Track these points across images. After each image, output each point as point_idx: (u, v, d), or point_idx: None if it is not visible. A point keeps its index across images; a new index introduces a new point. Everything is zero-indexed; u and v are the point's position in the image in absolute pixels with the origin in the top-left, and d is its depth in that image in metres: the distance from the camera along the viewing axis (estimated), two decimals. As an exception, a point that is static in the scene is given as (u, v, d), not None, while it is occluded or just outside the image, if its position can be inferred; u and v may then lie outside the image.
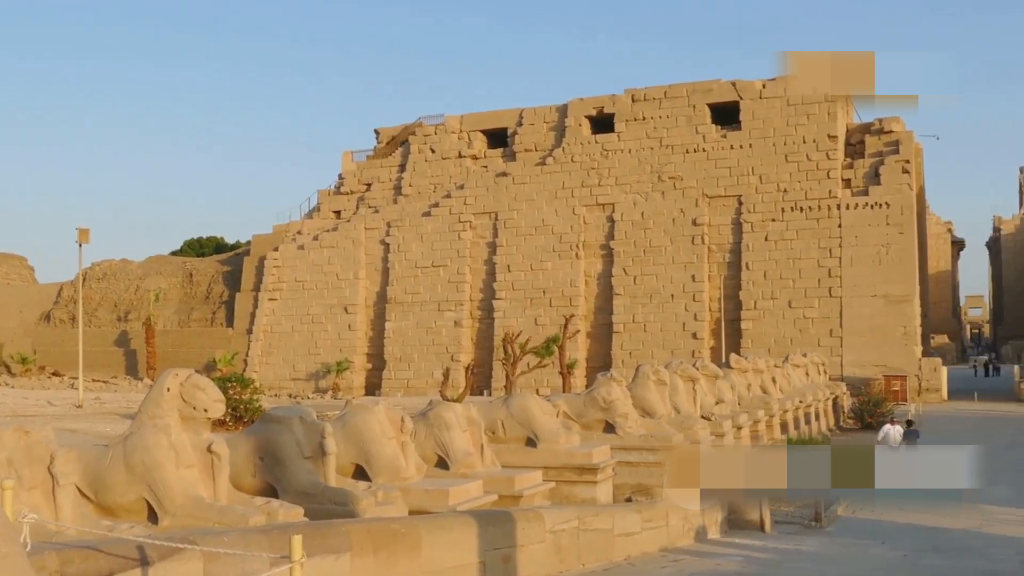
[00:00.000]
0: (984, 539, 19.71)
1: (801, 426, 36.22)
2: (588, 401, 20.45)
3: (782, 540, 17.99)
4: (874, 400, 44.92)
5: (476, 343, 66.30)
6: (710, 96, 62.57)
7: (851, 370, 56.11)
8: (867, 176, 59.24)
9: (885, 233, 57.70)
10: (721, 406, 27.45)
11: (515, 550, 10.93)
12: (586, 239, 64.30)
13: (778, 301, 59.21)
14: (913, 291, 57.64)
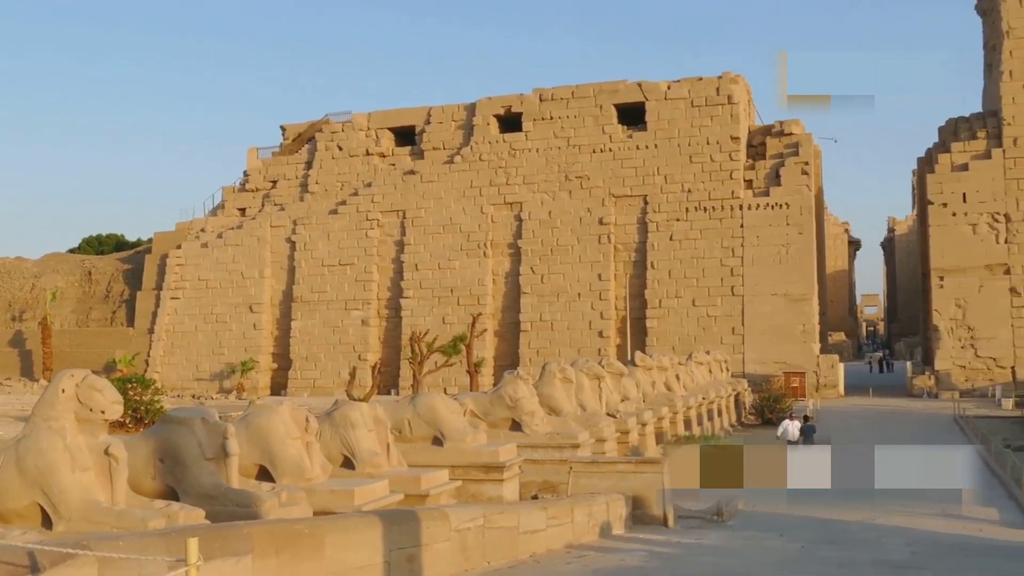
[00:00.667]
0: (877, 530, 20.30)
1: (704, 422, 36.85)
2: (495, 399, 20.51)
3: (685, 535, 18.26)
4: (774, 396, 45.87)
5: (383, 342, 65.99)
6: (616, 96, 63.24)
7: (752, 367, 57.26)
8: (768, 177, 60.50)
9: (785, 233, 59.00)
10: (627, 403, 27.77)
11: (420, 549, 10.92)
12: (494, 238, 64.46)
13: (682, 299, 60.14)
14: (812, 290, 59.04)
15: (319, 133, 70.05)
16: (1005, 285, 55.33)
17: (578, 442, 20.10)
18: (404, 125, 68.84)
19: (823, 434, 35.71)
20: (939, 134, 60.58)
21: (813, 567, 14.71)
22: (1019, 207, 55.44)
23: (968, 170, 56.63)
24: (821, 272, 66.08)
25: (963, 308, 55.84)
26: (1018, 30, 56.64)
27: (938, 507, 23.47)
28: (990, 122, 57.90)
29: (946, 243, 56.48)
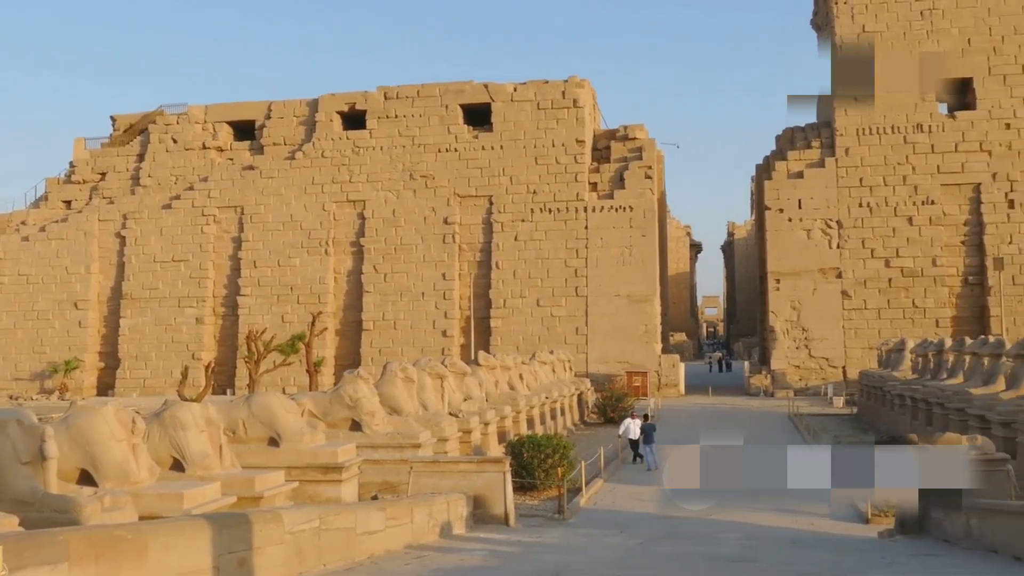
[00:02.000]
0: (714, 525, 20.65)
1: (547, 421, 36.98)
2: (334, 399, 20.01)
3: (526, 533, 18.17)
4: (616, 395, 46.49)
5: (219, 341, 64.14)
6: (463, 97, 63.14)
7: (596, 367, 57.99)
8: (612, 180, 61.40)
9: (628, 235, 59.99)
10: (469, 403, 27.57)
11: (251, 553, 10.44)
12: (336, 236, 63.47)
13: (527, 300, 60.47)
14: (654, 291, 60.20)
15: (152, 125, 67.55)
16: (837, 288, 57.59)
17: (419, 442, 19.79)
18: (243, 119, 67.05)
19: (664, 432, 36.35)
20: (776, 142, 62.65)
21: (651, 562, 14.76)
22: (850, 214, 57.77)
23: (803, 178, 58.72)
24: (663, 274, 67.49)
25: (798, 310, 57.85)
26: (850, 44, 59.00)
27: (773, 501, 24.04)
28: (824, 132, 60.19)
29: (782, 247, 58.42)
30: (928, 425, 30.40)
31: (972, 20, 57.84)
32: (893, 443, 32.61)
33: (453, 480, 18.70)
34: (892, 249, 57.22)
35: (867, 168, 57.92)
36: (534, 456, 25.03)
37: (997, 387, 26.51)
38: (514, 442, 26.68)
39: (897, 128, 57.87)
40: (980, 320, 55.89)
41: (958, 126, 57.51)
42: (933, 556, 15.21)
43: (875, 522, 21.19)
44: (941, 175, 57.25)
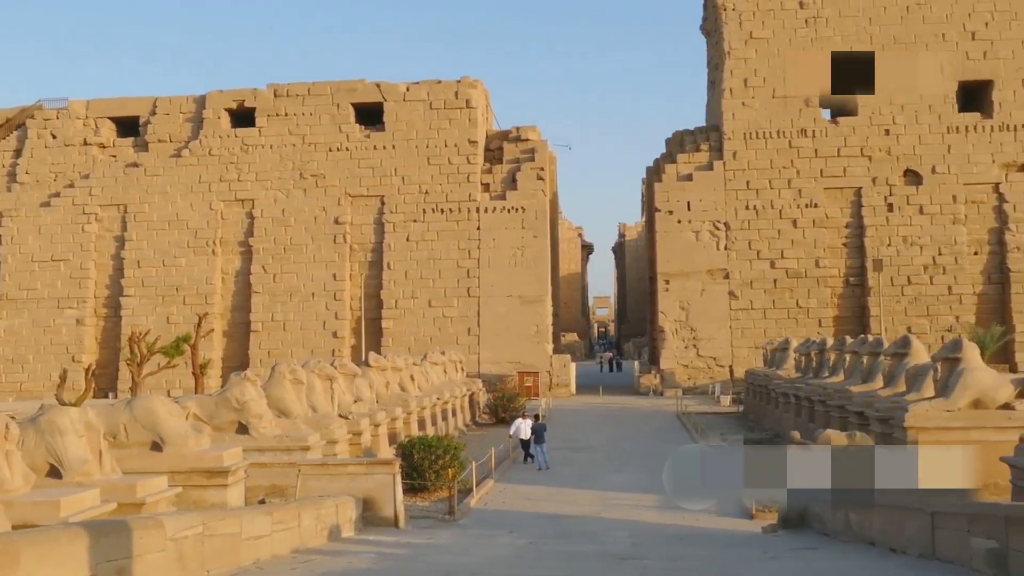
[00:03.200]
0: (602, 523, 20.86)
1: (439, 422, 36.88)
2: (220, 402, 19.61)
3: (416, 535, 18.08)
4: (508, 396, 46.62)
5: (101, 343, 62.33)
6: (354, 96, 62.58)
7: (487, 367, 58.08)
8: (504, 181, 61.58)
9: (520, 236, 60.24)
10: (359, 404, 27.32)
11: (131, 561, 10.14)
12: (224, 235, 62.28)
13: (419, 300, 60.23)
14: (546, 292, 60.56)
15: (31, 120, 65.19)
16: (724, 289, 58.74)
17: (308, 444, 19.53)
18: (127, 115, 65.19)
19: (555, 432, 36.58)
20: (666, 145, 63.61)
21: (540, 561, 14.82)
22: (738, 216, 59.00)
23: (692, 180, 59.75)
24: (555, 274, 67.93)
25: (686, 310, 58.82)
26: (738, 51, 60.30)
27: (661, 499, 24.41)
28: (712, 136, 61.34)
29: (671, 249, 59.34)
30: (811, 422, 31.17)
31: (854, 29, 59.61)
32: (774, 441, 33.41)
33: (342, 483, 18.50)
34: (777, 251, 58.63)
35: (754, 171, 59.25)
36: (425, 457, 24.94)
37: (876, 385, 27.30)
38: (405, 443, 26.54)
39: (783, 133, 59.32)
40: (860, 320, 57.64)
41: (840, 132, 59.21)
42: (814, 549, 15.60)
43: (759, 518, 21.65)
44: (824, 179, 58.87)
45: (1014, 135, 58.06)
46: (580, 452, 34.27)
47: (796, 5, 60.15)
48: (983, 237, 58.08)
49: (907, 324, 55.87)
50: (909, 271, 57.65)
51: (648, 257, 69.20)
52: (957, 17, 59.07)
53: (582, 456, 33.32)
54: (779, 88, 59.60)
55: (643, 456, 33.23)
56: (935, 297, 57.50)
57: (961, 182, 58.03)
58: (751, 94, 59.76)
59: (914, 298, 57.52)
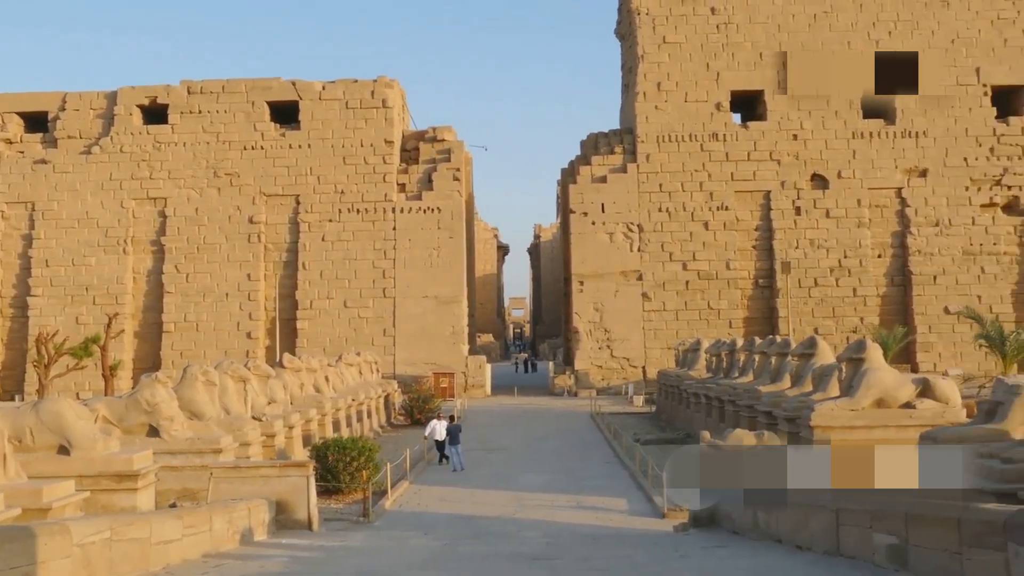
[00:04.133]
0: (517, 524, 21.00)
1: (354, 424, 36.72)
2: (131, 404, 19.30)
3: (329, 537, 18.01)
4: (423, 397, 46.54)
5: (6, 344, 60.68)
6: (270, 94, 61.89)
7: (403, 368, 57.95)
8: (421, 182, 61.48)
9: (436, 237, 60.21)
10: (273, 406, 27.11)
11: (36, 567, 9.97)
12: (135, 234, 61.11)
13: (334, 301, 59.83)
14: (461, 293, 60.63)
15: (-68, 113, 63.27)
16: (638, 290, 59.44)
17: (220, 447, 19.34)
18: (35, 110, 63.51)
19: (469, 433, 36.67)
20: (581, 147, 64.14)
21: (454, 563, 14.89)
22: (651, 218, 59.75)
23: (606, 182, 60.35)
24: (470, 275, 68.06)
25: (600, 311, 59.39)
26: (652, 55, 61.06)
27: (575, 499, 24.66)
28: (626, 138, 62.03)
29: (586, 250, 59.86)
30: (721, 422, 31.74)
31: (764, 36, 60.80)
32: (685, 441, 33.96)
33: (255, 485, 18.34)
34: (689, 253, 59.52)
35: (666, 174, 60.06)
36: (339, 459, 24.84)
37: (783, 384, 27.94)
38: (319, 445, 26.39)
39: (694, 136, 60.25)
40: (769, 321, 58.81)
41: (750, 136, 60.35)
42: (723, 548, 15.90)
43: (671, 517, 21.97)
44: (735, 182, 59.93)
45: (915, 141, 59.78)
46: (495, 453, 34.41)
47: (708, 11, 61.13)
48: (886, 240, 59.70)
49: (814, 325, 57.17)
50: (816, 273, 59.01)
51: (563, 258, 69.70)
52: (862, 26, 60.62)
53: (497, 457, 33.46)
54: (691, 92, 60.52)
55: (557, 456, 33.51)
56: (841, 299, 58.94)
57: (865, 187, 59.58)
58: (664, 98, 60.58)
59: (820, 300, 58.89)
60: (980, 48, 60.67)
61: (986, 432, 14.91)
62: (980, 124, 59.93)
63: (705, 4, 61.16)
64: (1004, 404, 15.03)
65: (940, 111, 59.83)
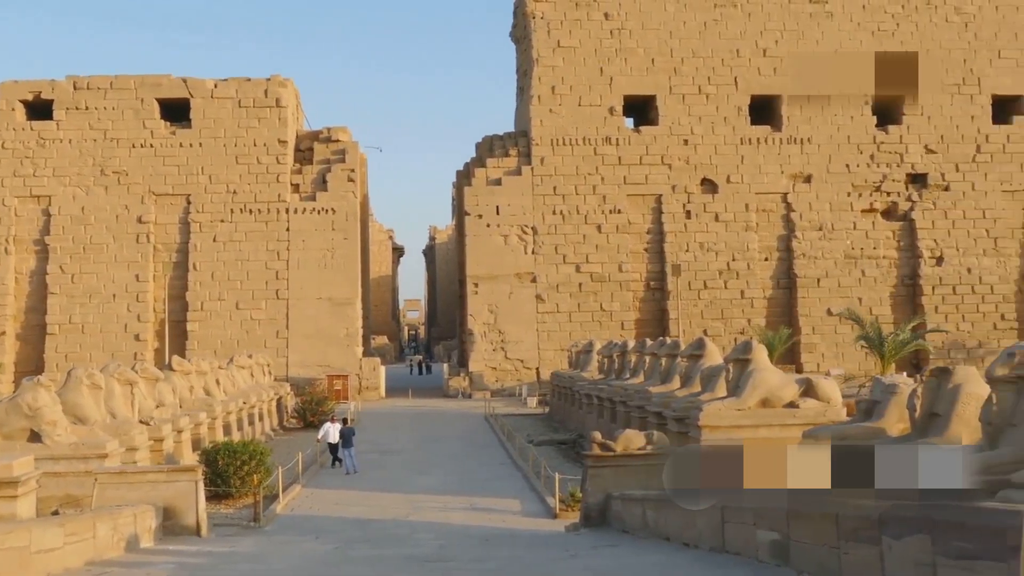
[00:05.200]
0: (410, 527, 20.98)
1: (245, 427, 36.21)
2: (11, 408, 18.69)
3: (218, 543, 17.75)
4: (316, 399, 46.11)
5: None
6: (159, 91, 60.56)
7: (296, 370, 57.29)
8: (315, 182, 60.87)
9: (331, 238, 59.68)
10: (161, 409, 26.55)
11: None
12: (17, 233, 59.16)
13: (226, 302, 58.82)
14: (356, 294, 60.22)
15: None
16: (532, 292, 59.82)
17: (106, 452, 18.86)
18: (-89, 104, 61.09)
19: (363, 436, 36.47)
20: (476, 150, 64.27)
21: (345, 567, 14.85)
22: (545, 221, 60.19)
23: (501, 185, 60.60)
24: (365, 277, 67.63)
25: (495, 313, 59.60)
26: (547, 58, 61.53)
27: (469, 501, 24.75)
28: (521, 141, 62.38)
29: (481, 252, 60.01)
30: (612, 422, 32.13)
31: (656, 42, 61.79)
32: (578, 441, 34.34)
33: (142, 491, 17.96)
34: (583, 255, 60.15)
35: (561, 177, 60.58)
36: (230, 463, 24.49)
37: (673, 385, 28.44)
38: (209, 449, 25.98)
39: (588, 140, 60.90)
40: (660, 322, 59.77)
41: (643, 140, 61.27)
42: (613, 546, 16.16)
43: (563, 516, 22.23)
44: (627, 186, 60.76)
45: (800, 148, 61.46)
46: (389, 455, 34.31)
47: (602, 16, 61.87)
48: (772, 244, 61.23)
49: (703, 326, 58.28)
50: (705, 276, 60.20)
51: (458, 260, 69.77)
52: (750, 34, 62.08)
53: (391, 459, 33.37)
54: (585, 96, 61.17)
55: (451, 458, 33.57)
56: (729, 301, 60.24)
57: (753, 191, 61.01)
58: (558, 101, 61.12)
59: (710, 302, 60.10)
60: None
61: (864, 430, 15.41)
62: (861, 132, 61.92)
63: (599, 9, 61.89)
64: (881, 403, 15.55)
65: (824, 119, 61.61)
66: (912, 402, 13.08)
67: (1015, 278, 62.02)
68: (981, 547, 7.25)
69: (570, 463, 29.82)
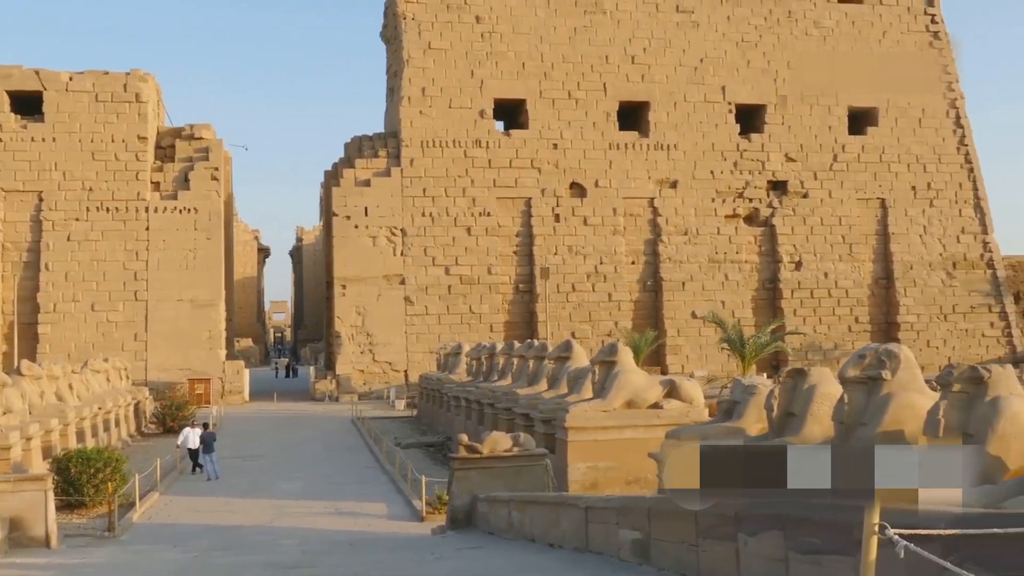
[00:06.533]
0: (273, 533, 20.55)
1: (100, 433, 34.94)
2: None
3: (69, 554, 17.03)
4: (177, 404, 44.77)
5: None
6: (10, 82, 58.02)
7: (156, 374, 55.59)
8: (177, 180, 59.22)
9: (193, 238, 58.14)
10: (9, 416, 25.36)
11: None
12: None
13: (80, 304, 56.66)
14: (219, 296, 58.80)
15: None
16: (400, 294, 59.43)
17: (-52, 460, 17.92)
18: None
19: (225, 441, 35.64)
20: (345, 150, 63.51)
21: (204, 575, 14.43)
22: (414, 222, 59.88)
23: (370, 186, 60.04)
24: (229, 278, 66.13)
25: (363, 315, 59.00)
26: (417, 59, 61.26)
27: (334, 505, 24.41)
28: (391, 142, 61.92)
29: (349, 254, 59.34)
30: (480, 424, 32.15)
31: (527, 46, 62.20)
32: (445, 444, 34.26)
33: (-14, 502, 17.11)
34: (452, 257, 60.06)
35: (430, 179, 60.39)
36: (83, 471, 23.58)
37: (540, 387, 28.60)
38: (61, 457, 24.96)
39: (458, 142, 60.87)
40: (529, 325, 60.13)
41: (513, 143, 61.57)
42: (479, 548, 16.13)
43: (430, 519, 22.10)
44: (497, 188, 60.96)
45: (667, 154, 62.72)
46: (252, 460, 33.59)
47: (473, 19, 61.96)
48: (639, 248, 62.28)
49: (571, 329, 58.85)
50: (574, 279, 60.82)
51: (325, 262, 68.88)
52: (619, 41, 63.07)
53: (254, 464, 32.68)
54: (456, 99, 61.15)
55: (316, 463, 33.09)
56: (597, 303, 61.01)
57: (621, 196, 61.95)
58: (429, 103, 60.94)
59: (578, 304, 60.75)
60: (726, 68, 64.35)
61: (724, 430, 15.74)
62: (725, 140, 63.56)
63: (470, 12, 61.96)
64: (741, 403, 15.90)
65: (690, 126, 63.01)
66: (770, 402, 13.38)
67: (868, 282, 64.61)
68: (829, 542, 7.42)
69: (438, 466, 29.69)
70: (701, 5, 64.48)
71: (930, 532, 5.72)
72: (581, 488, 21.64)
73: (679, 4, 64.15)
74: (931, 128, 66.59)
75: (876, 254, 65.13)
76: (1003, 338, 65.40)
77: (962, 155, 66.81)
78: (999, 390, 10.15)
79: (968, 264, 65.92)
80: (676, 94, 63.40)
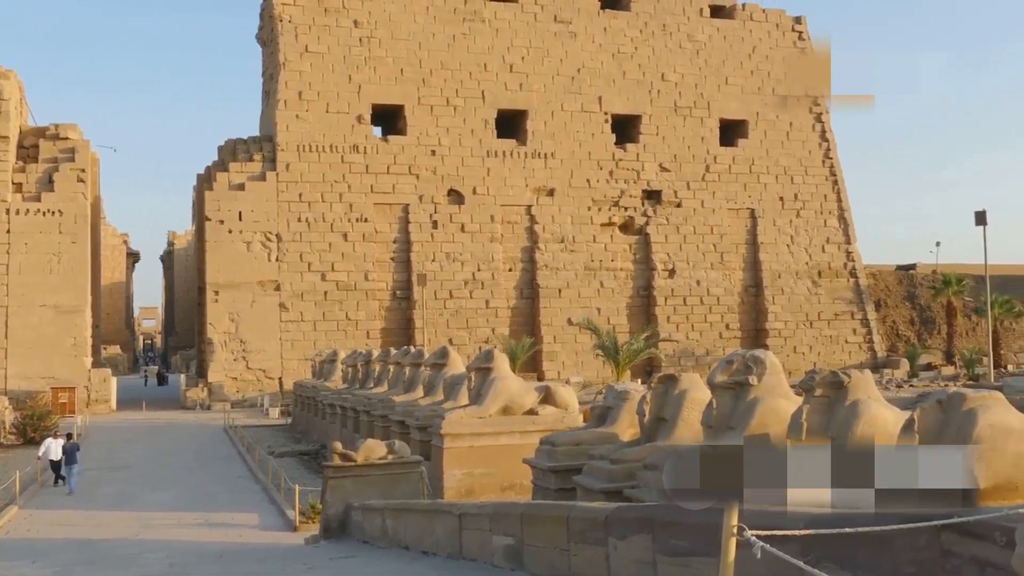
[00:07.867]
0: (139, 546, 19.94)
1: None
2: None
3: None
4: (38, 414, 43.15)
5: None
6: None
7: (16, 383, 53.45)
8: (40, 182, 57.15)
9: (58, 242, 56.16)
10: None
11: None
12: None
13: (-64, 310, 54.22)
14: (85, 301, 56.92)
15: None
16: (275, 301, 58.51)
17: None
18: None
19: (89, 452, 34.54)
20: (219, 153, 62.25)
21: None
22: (290, 228, 59.05)
23: (244, 190, 58.98)
24: (96, 283, 64.13)
25: (236, 322, 57.88)
26: (293, 63, 60.47)
27: (204, 516, 23.85)
28: (266, 146, 60.93)
29: (222, 259, 58.16)
30: (356, 432, 31.86)
31: (405, 52, 62.04)
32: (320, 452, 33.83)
33: None
34: (328, 263, 59.44)
35: (307, 184, 59.67)
36: (-65, 484, 22.53)
37: (417, 394, 28.47)
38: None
39: (335, 147, 60.31)
40: (406, 331, 59.89)
41: (391, 149, 61.30)
42: (352, 557, 15.95)
43: (303, 529, 21.75)
44: (375, 194, 60.60)
45: (544, 162, 63.33)
46: (118, 471, 32.59)
47: (351, 23, 61.51)
48: (516, 255, 62.70)
49: (449, 336, 58.85)
50: (451, 285, 60.86)
51: (198, 267, 67.44)
52: (497, 50, 63.44)
53: (120, 475, 31.71)
54: (333, 103, 60.57)
55: (186, 472, 32.30)
56: (474, 310, 61.15)
57: (498, 203, 62.28)
58: (305, 107, 60.23)
59: (455, 311, 60.78)
60: (603, 79, 65.33)
61: (598, 435, 15.93)
62: (601, 149, 64.50)
63: (348, 16, 61.50)
64: (614, 409, 16.11)
65: (567, 135, 63.74)
66: (641, 408, 13.60)
67: (739, 290, 66.35)
68: (695, 544, 7.56)
69: (312, 474, 29.29)
70: (579, 16, 65.35)
71: (787, 533, 5.87)
72: (457, 495, 21.61)
73: (557, 15, 64.90)
74: (798, 141, 68.87)
75: (746, 263, 66.94)
76: (865, 344, 67.97)
77: (827, 168, 69.26)
78: (858, 394, 10.55)
79: (832, 273, 68.33)
80: (553, 103, 64.09)
